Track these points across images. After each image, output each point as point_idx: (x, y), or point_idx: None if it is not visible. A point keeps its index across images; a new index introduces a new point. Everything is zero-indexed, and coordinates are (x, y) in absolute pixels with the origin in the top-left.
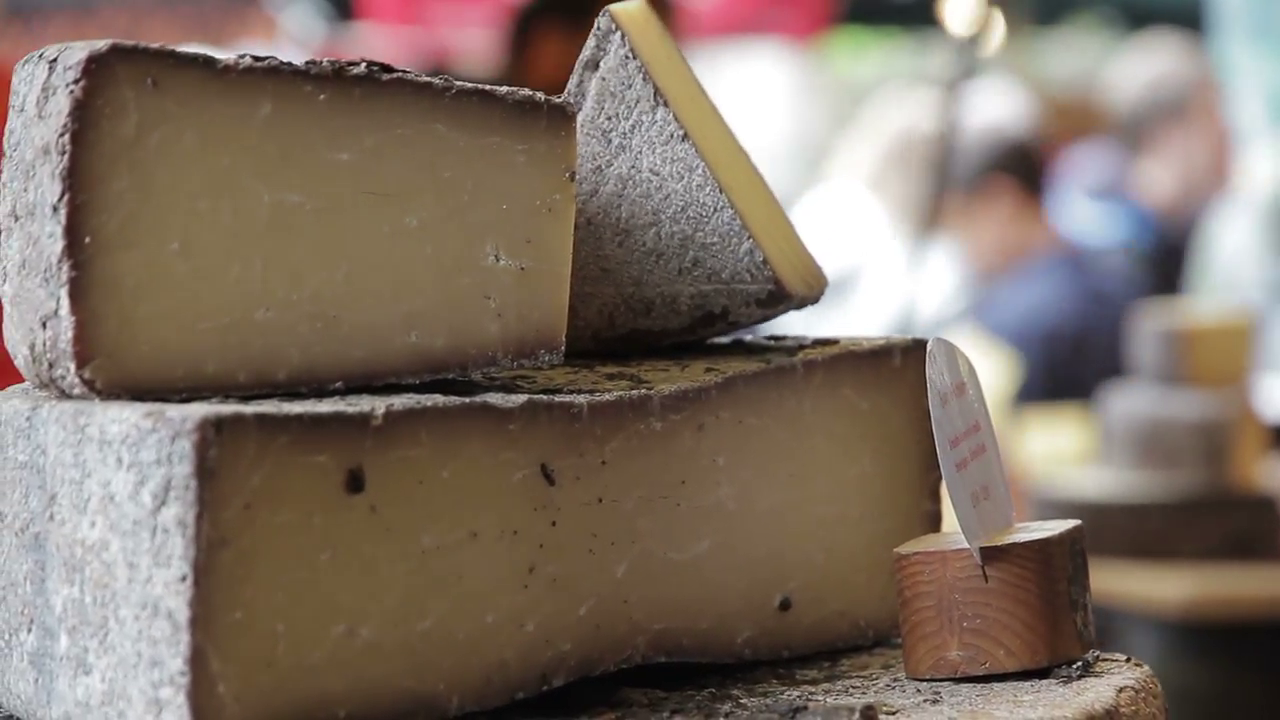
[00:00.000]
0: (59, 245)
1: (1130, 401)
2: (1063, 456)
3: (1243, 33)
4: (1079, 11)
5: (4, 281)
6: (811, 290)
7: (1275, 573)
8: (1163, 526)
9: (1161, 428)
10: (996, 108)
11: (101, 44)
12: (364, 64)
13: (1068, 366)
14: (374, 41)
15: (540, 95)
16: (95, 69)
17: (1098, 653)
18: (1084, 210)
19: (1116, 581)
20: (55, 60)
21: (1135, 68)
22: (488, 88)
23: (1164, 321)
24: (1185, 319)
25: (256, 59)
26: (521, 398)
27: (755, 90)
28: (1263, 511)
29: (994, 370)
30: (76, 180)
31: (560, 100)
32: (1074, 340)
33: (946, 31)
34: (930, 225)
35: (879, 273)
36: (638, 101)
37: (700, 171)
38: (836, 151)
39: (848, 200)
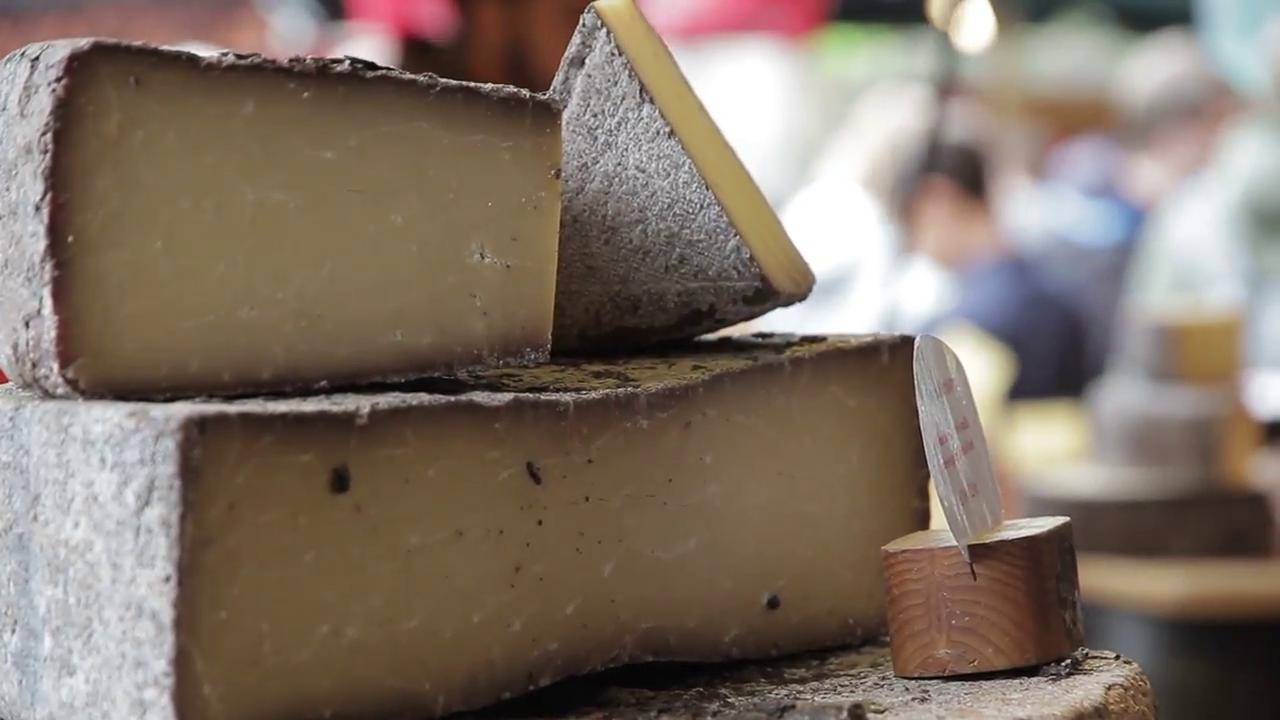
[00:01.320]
0: (42, 244)
1: (1122, 398)
2: (1054, 454)
3: (1233, 28)
4: (1070, 9)
5: None
6: (799, 287)
7: (1268, 569)
8: (1155, 523)
9: (1153, 425)
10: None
11: (84, 42)
12: (348, 62)
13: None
14: (366, 43)
15: (525, 92)
16: (78, 67)
17: (1087, 650)
18: (1078, 207)
19: (1109, 579)
20: (37, 59)
21: (1150, 67)
22: (472, 85)
23: (1155, 318)
24: (1176, 315)
25: (240, 57)
26: (507, 396)
27: (746, 89)
28: (1255, 508)
29: (985, 368)
30: (59, 179)
31: (545, 97)
32: (1009, 344)
33: (937, 30)
34: (914, 224)
35: (874, 272)
36: (623, 98)
37: (686, 168)
38: (829, 150)
39: (842, 199)
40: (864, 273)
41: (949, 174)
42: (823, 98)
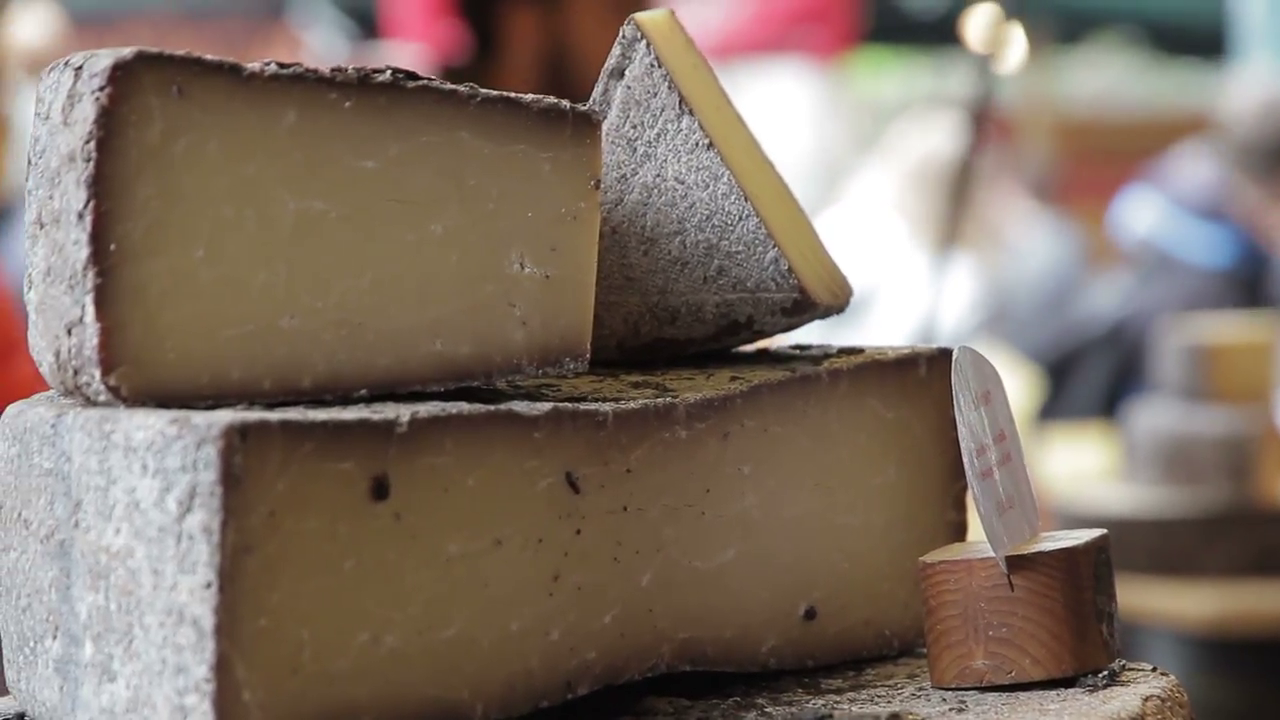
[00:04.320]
0: (84, 252)
1: (1154, 417)
2: (1086, 473)
3: (1268, 51)
4: (1102, 31)
5: (29, 288)
6: (837, 299)
7: None
8: (1187, 542)
9: (1186, 443)
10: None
11: (127, 51)
12: (389, 71)
13: None
14: (400, 59)
15: (565, 103)
16: (121, 76)
17: (1124, 662)
18: (1187, 227)
19: (1141, 597)
20: (81, 67)
21: (1256, 92)
22: (513, 95)
23: (1188, 338)
24: (1209, 335)
25: (282, 66)
26: (546, 405)
27: (777, 109)
28: None
29: (1017, 386)
30: (102, 187)
31: (585, 108)
32: None
33: (968, 52)
34: (950, 242)
35: (897, 290)
36: (663, 110)
37: (725, 180)
38: (857, 171)
39: (867, 219)
40: (888, 291)
41: None
42: (853, 119)
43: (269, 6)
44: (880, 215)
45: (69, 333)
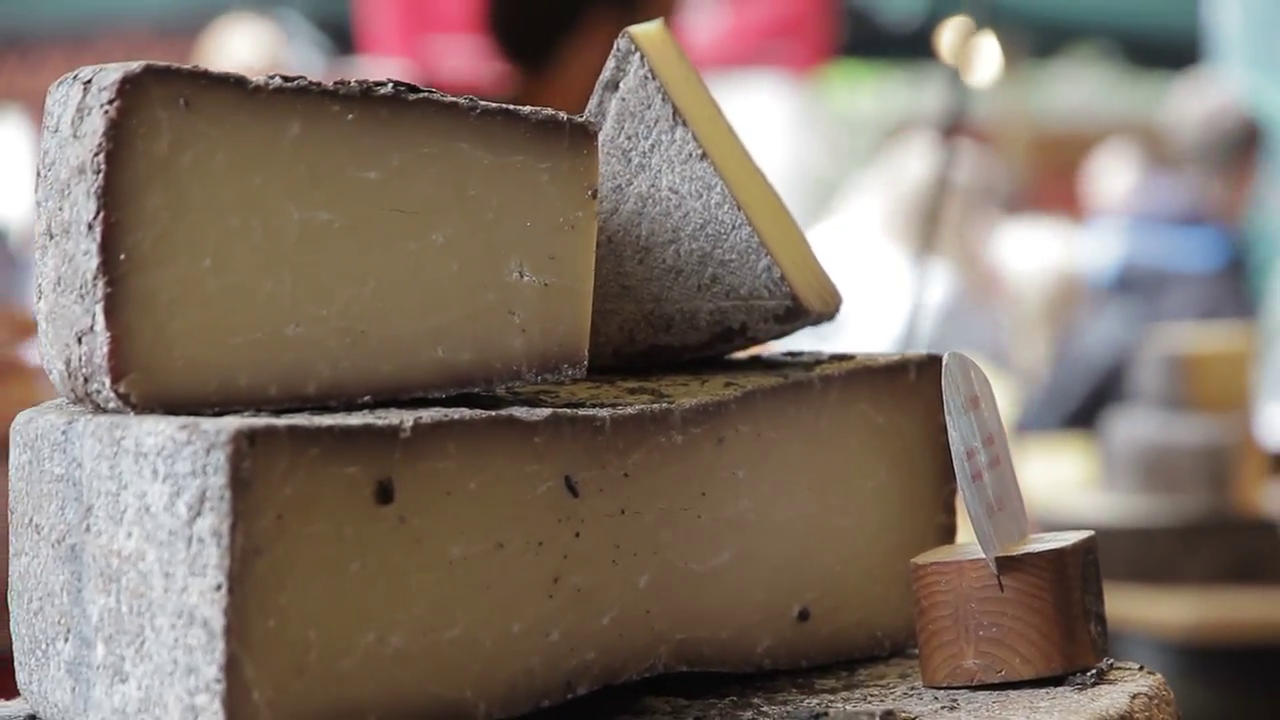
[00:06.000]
0: (94, 262)
1: (1133, 426)
2: (1066, 482)
3: (1243, 62)
4: (1077, 44)
5: (40, 298)
6: (828, 307)
7: (1278, 596)
8: (1166, 551)
9: (1164, 452)
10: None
11: (135, 65)
12: (391, 84)
13: None
14: (376, 74)
15: (563, 115)
16: (130, 89)
17: (1111, 660)
18: (1171, 238)
19: (1121, 605)
20: (90, 81)
21: (1199, 100)
22: (511, 107)
23: (1167, 347)
24: (1188, 344)
25: (286, 79)
26: (546, 411)
27: (754, 123)
28: (1265, 536)
29: (998, 396)
30: (111, 198)
31: (582, 120)
32: None
33: (944, 66)
34: (929, 252)
35: (879, 303)
36: (657, 121)
37: (718, 190)
38: (850, 188)
39: (858, 238)
40: (869, 305)
41: None
42: (829, 132)
43: None
44: (868, 234)
45: (79, 341)
